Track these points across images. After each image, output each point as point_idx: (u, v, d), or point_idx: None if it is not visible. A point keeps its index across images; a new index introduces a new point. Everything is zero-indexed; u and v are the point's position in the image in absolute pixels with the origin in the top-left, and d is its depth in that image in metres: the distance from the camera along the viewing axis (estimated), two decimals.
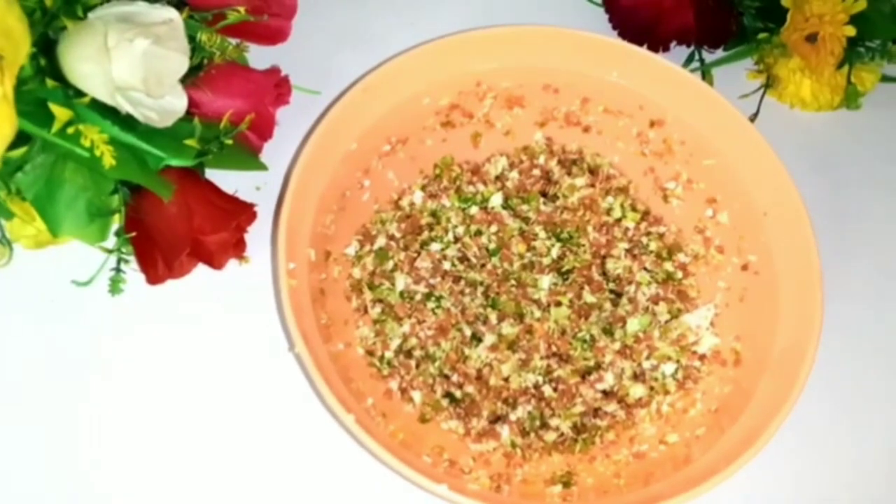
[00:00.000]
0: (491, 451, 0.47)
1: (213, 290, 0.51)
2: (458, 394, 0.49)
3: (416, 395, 0.48)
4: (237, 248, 0.51)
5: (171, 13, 0.44)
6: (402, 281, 0.51)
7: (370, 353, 0.49)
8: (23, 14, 0.41)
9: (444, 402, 0.48)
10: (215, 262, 0.50)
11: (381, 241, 0.52)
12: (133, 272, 0.49)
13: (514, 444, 0.47)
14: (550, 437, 0.48)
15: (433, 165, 0.54)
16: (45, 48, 0.43)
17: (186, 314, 0.51)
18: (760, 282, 0.49)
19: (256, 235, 0.52)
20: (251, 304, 0.51)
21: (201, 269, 0.50)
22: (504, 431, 0.48)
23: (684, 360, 0.50)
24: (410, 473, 0.38)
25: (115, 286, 0.48)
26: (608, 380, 0.49)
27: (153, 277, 0.49)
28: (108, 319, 0.50)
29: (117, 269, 0.49)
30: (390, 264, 0.51)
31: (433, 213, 0.53)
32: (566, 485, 0.45)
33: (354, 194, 0.50)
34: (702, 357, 0.50)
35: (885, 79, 0.63)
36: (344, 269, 0.50)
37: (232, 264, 0.51)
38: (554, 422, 0.48)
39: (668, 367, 0.50)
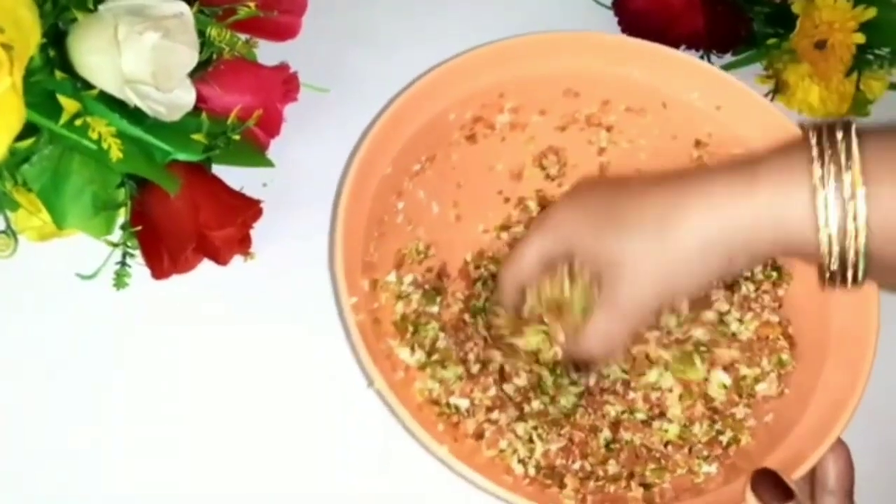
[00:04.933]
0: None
1: (218, 285, 0.51)
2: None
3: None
4: (243, 244, 0.51)
5: (182, 7, 0.44)
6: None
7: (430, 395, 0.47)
8: (33, 4, 0.41)
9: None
10: (221, 258, 0.50)
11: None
12: (138, 266, 0.49)
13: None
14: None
15: None
16: (55, 39, 0.43)
17: (191, 309, 0.51)
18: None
19: (262, 232, 0.51)
20: (256, 299, 0.51)
21: (206, 265, 0.50)
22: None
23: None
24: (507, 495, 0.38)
25: (119, 280, 0.48)
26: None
27: (158, 272, 0.48)
28: (111, 314, 0.50)
29: (122, 263, 0.48)
30: (435, 308, 0.50)
31: None
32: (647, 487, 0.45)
33: (391, 218, 0.49)
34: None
35: (894, 86, 0.63)
36: (389, 295, 0.49)
37: (237, 260, 0.51)
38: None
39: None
